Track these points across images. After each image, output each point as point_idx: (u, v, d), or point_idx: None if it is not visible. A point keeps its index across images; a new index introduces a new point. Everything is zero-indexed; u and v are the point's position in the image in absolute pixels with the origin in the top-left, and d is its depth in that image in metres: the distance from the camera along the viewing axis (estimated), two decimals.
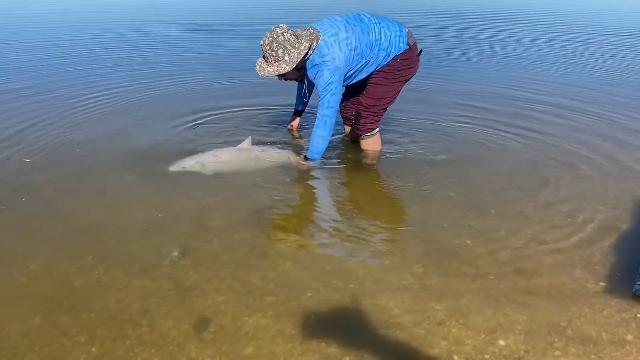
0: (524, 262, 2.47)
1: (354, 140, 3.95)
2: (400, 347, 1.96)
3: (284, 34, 3.15)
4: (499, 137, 4.20)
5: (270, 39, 3.17)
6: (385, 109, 3.61)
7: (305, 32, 3.23)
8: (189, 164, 3.47)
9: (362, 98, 3.55)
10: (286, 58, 3.17)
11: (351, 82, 3.52)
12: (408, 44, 3.39)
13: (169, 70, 6.71)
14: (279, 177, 3.47)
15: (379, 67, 3.42)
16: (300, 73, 3.37)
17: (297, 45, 3.15)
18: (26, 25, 11.53)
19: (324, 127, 3.33)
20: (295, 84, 3.90)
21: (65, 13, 14.12)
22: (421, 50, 3.53)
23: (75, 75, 6.29)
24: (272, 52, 3.18)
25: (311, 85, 3.58)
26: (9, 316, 2.08)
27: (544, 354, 1.92)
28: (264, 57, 3.26)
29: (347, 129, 4.07)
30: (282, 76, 3.33)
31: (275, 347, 1.94)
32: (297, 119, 4.21)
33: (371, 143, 3.73)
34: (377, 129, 3.67)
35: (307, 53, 3.21)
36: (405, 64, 3.44)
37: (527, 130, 4.35)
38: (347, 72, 3.35)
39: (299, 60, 3.18)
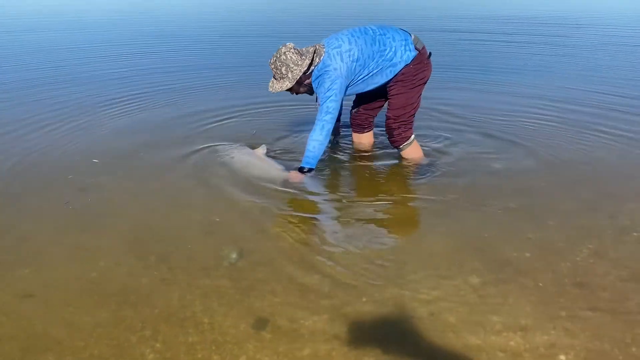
0: (586, 277, 2.40)
1: (363, 148, 4.02)
2: (455, 356, 1.95)
3: (287, 52, 3.33)
4: (558, 147, 4.07)
5: (274, 58, 3.38)
6: (413, 114, 3.65)
7: (311, 48, 3.40)
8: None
9: (388, 112, 3.63)
10: (289, 75, 3.36)
11: (361, 92, 3.62)
12: (417, 49, 3.45)
13: (215, 71, 7.01)
14: (332, 183, 3.53)
15: (394, 76, 3.48)
16: (307, 88, 3.50)
17: (299, 63, 3.33)
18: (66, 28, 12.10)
19: (320, 132, 3.38)
20: None
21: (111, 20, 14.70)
22: (430, 53, 3.57)
23: (121, 77, 6.65)
24: (277, 70, 3.39)
25: None
26: (80, 309, 2.21)
27: None
28: (273, 75, 3.47)
29: (356, 137, 4.07)
30: (291, 91, 3.51)
31: (331, 351, 1.97)
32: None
33: (411, 151, 3.73)
34: (412, 136, 3.70)
35: (308, 68, 3.37)
36: (419, 68, 3.49)
37: (588, 142, 4.20)
38: (351, 83, 3.45)
39: (299, 76, 3.35)
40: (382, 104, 3.84)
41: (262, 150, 3.85)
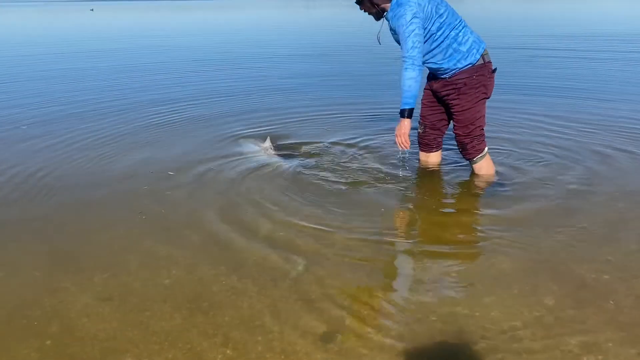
0: None
1: (430, 167, 3.94)
2: None
3: None
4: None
5: None
6: (483, 127, 3.58)
7: None
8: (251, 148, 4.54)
9: (457, 129, 3.58)
10: None
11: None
12: (483, 59, 3.41)
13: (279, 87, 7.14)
14: (398, 201, 3.51)
15: (454, 73, 3.41)
16: (377, 10, 3.43)
17: None
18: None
19: (412, 69, 3.30)
20: None
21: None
22: (495, 69, 3.50)
23: (185, 96, 6.94)
24: None
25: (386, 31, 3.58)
26: (155, 314, 2.29)
27: None
28: None
29: (423, 156, 3.96)
30: (361, 5, 3.47)
31: None
32: None
33: (484, 166, 3.65)
34: (486, 149, 3.63)
35: None
36: (481, 80, 3.42)
37: None
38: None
39: None
40: (447, 123, 3.78)
41: (267, 142, 4.52)
